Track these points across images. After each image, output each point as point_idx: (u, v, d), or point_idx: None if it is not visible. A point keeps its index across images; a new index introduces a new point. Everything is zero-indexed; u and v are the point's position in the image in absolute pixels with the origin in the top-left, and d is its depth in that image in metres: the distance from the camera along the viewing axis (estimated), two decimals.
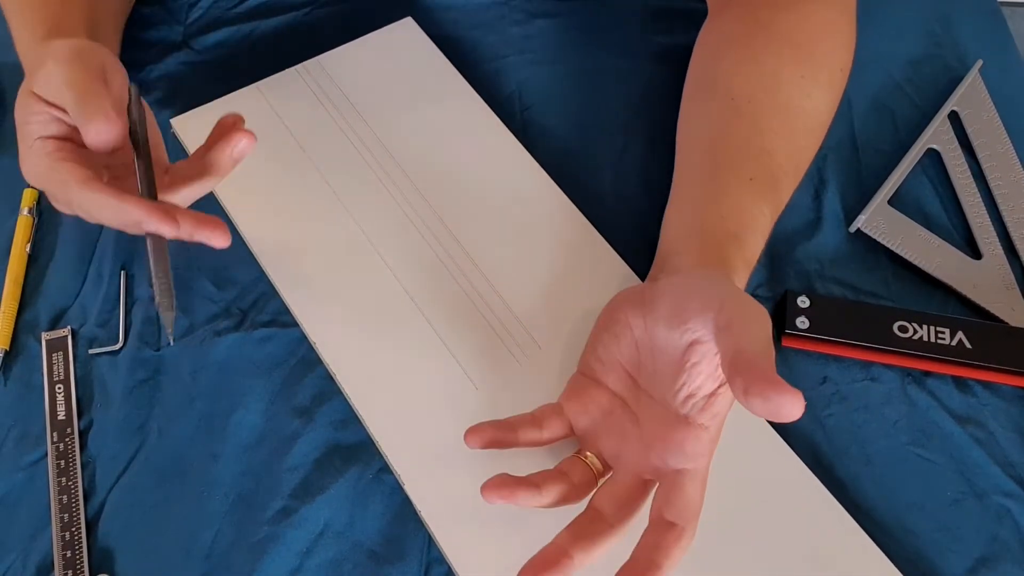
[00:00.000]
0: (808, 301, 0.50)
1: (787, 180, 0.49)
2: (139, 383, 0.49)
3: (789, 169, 0.50)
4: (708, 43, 0.55)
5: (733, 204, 0.47)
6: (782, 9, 0.52)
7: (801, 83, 0.51)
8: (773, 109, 0.50)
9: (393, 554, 0.44)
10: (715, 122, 0.51)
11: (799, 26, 0.52)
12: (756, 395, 0.34)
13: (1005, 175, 0.58)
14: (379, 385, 0.48)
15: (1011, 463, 0.48)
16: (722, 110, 0.51)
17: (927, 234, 0.55)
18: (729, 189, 0.48)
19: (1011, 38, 0.66)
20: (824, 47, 0.52)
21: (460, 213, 0.54)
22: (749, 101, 0.50)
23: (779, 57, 0.51)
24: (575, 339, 0.49)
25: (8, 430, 0.47)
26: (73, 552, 0.44)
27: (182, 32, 0.62)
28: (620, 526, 0.40)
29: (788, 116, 0.50)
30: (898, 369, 0.50)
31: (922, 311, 0.51)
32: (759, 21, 0.52)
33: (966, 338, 0.49)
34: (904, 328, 0.50)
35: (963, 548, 0.46)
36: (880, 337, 0.49)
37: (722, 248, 0.45)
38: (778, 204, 0.49)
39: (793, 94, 0.50)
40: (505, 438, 0.43)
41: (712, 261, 0.45)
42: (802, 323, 0.50)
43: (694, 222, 0.47)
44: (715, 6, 0.57)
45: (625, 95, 0.61)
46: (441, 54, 0.60)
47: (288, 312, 0.51)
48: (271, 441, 0.47)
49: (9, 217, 0.54)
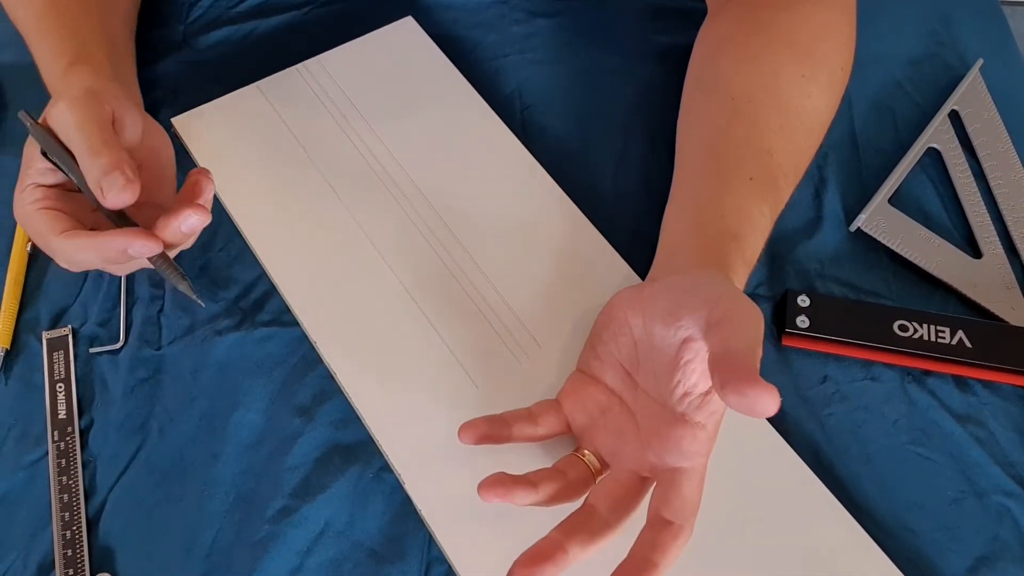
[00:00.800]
0: (808, 300, 0.50)
1: (787, 180, 0.49)
2: (140, 382, 0.49)
3: (789, 169, 0.50)
4: (708, 42, 0.55)
5: (732, 204, 0.47)
6: (782, 9, 0.52)
7: (801, 83, 0.51)
8: (773, 109, 0.50)
9: (393, 553, 0.44)
10: (715, 122, 0.51)
11: (799, 26, 0.52)
12: (732, 390, 0.34)
13: (1005, 174, 0.58)
14: (379, 384, 0.48)
15: (1011, 462, 0.48)
16: (722, 110, 0.51)
17: (927, 233, 0.55)
18: (729, 188, 0.48)
19: (1011, 37, 0.66)
20: (824, 47, 0.52)
21: (460, 212, 0.54)
22: (749, 101, 0.50)
23: (779, 57, 0.51)
24: (575, 338, 0.49)
25: (9, 429, 0.48)
26: (74, 551, 0.44)
27: (182, 31, 0.62)
28: (616, 523, 0.40)
29: (788, 116, 0.50)
30: (898, 368, 0.50)
31: (922, 310, 0.51)
32: (759, 21, 0.52)
33: (966, 337, 0.49)
34: (904, 327, 0.50)
35: (963, 547, 0.46)
36: (880, 336, 0.49)
37: (721, 247, 0.45)
38: (777, 204, 0.49)
39: (793, 94, 0.50)
40: (499, 433, 0.43)
41: (710, 261, 0.45)
42: (802, 322, 0.50)
43: (693, 221, 0.47)
44: (714, 5, 0.57)
45: (625, 95, 0.61)
46: (441, 53, 0.60)
47: (289, 311, 0.51)
48: (271, 440, 0.47)
49: (10, 216, 0.54)
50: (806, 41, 0.52)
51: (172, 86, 0.59)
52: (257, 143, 0.56)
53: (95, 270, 0.52)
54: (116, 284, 0.52)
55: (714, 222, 0.46)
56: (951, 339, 0.49)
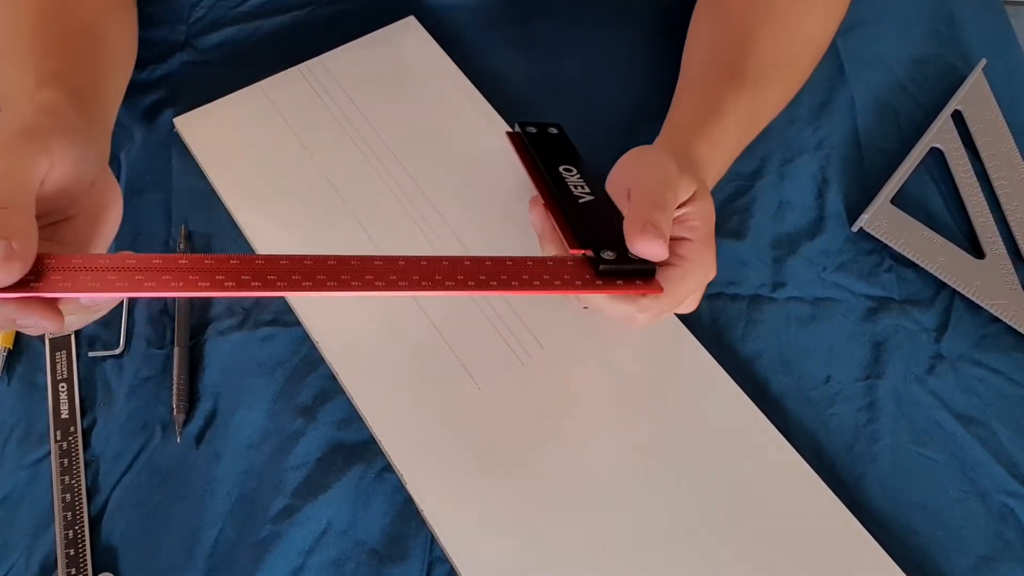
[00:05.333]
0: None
1: (772, 83, 0.52)
2: (142, 382, 0.49)
3: (775, 73, 0.52)
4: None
5: (709, 95, 0.50)
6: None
7: (799, 1, 0.53)
8: (767, 20, 0.53)
9: (395, 553, 0.44)
10: (712, 36, 0.54)
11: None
12: (630, 244, 0.40)
13: (1008, 174, 0.58)
14: (381, 384, 0.48)
15: (1014, 462, 0.48)
16: (720, 27, 0.54)
17: (930, 233, 0.55)
18: (708, 81, 0.51)
19: (1015, 37, 0.65)
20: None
21: (462, 211, 0.54)
22: (745, 18, 0.53)
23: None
24: (577, 339, 0.49)
25: (11, 429, 0.48)
26: (76, 550, 0.44)
27: (185, 31, 0.62)
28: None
29: (782, 27, 0.53)
30: (901, 368, 0.50)
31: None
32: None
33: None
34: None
35: (966, 547, 0.45)
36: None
37: (685, 132, 0.49)
38: (760, 103, 0.52)
39: (790, 9, 0.53)
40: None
41: (665, 142, 0.49)
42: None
43: (671, 113, 0.52)
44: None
45: (629, 93, 0.61)
46: (443, 53, 0.60)
47: (291, 311, 0.51)
48: (274, 440, 0.47)
49: None
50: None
51: (174, 86, 0.59)
52: (259, 143, 0.56)
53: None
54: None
55: (686, 108, 0.51)
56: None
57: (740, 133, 0.51)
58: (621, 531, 0.44)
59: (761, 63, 0.52)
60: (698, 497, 0.45)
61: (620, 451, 0.46)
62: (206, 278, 0.36)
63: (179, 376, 0.48)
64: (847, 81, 0.62)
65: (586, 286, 0.40)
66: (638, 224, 0.40)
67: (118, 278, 0.35)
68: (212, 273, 0.36)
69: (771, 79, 0.52)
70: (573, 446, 0.46)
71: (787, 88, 0.54)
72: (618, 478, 0.45)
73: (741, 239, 0.55)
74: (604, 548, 0.43)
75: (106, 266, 0.36)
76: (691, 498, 0.45)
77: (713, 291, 0.52)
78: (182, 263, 0.36)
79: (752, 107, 0.51)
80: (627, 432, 0.47)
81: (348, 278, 0.37)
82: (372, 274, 0.37)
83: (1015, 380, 0.51)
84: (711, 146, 0.48)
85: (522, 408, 0.46)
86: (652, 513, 0.44)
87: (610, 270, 0.40)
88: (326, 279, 0.36)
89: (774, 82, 0.53)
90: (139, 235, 0.53)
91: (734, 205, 0.56)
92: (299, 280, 0.36)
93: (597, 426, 0.47)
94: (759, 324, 0.52)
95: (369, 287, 0.37)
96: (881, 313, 0.53)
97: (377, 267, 0.38)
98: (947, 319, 0.53)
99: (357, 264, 0.38)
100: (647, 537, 0.44)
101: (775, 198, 0.57)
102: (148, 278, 0.35)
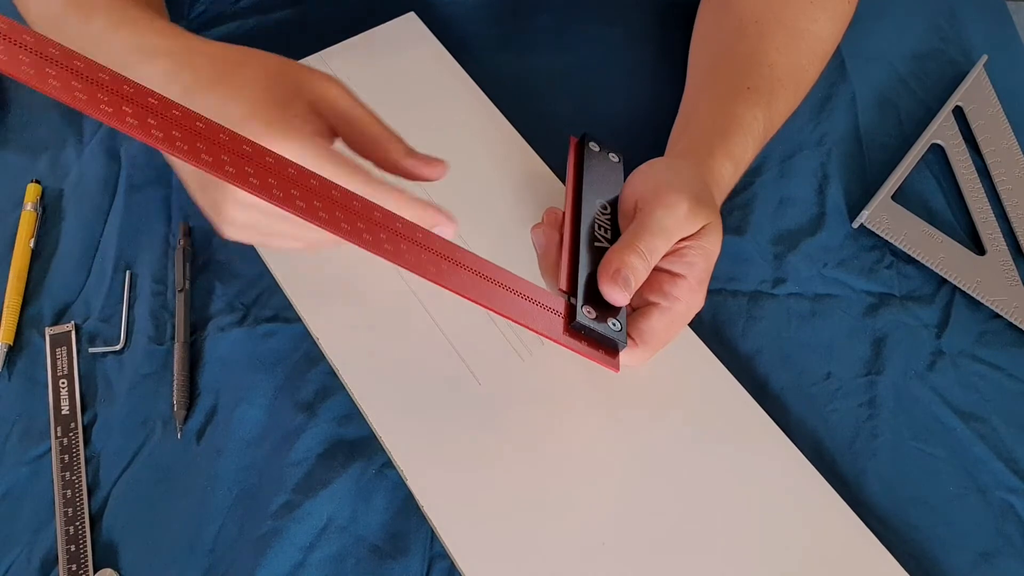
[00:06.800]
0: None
1: (785, 93, 0.52)
2: (143, 378, 0.49)
3: (788, 84, 0.52)
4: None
5: (726, 108, 0.50)
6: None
7: (809, 8, 0.53)
8: (777, 27, 0.53)
9: (396, 549, 0.44)
10: (722, 40, 0.54)
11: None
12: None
13: (1009, 170, 0.58)
14: (382, 380, 0.48)
15: (1014, 458, 0.48)
16: (729, 30, 0.54)
17: (931, 229, 0.55)
18: (725, 95, 0.51)
19: (1016, 33, 0.65)
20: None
21: (463, 207, 0.53)
22: (756, 22, 0.53)
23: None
24: None
25: (12, 425, 0.48)
26: (77, 546, 0.44)
27: (185, 27, 0.61)
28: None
29: (792, 35, 0.53)
30: (901, 364, 0.50)
31: None
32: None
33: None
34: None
35: (966, 543, 0.46)
36: None
37: (706, 142, 0.49)
38: (774, 114, 0.52)
39: (800, 16, 0.53)
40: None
41: (689, 153, 0.48)
42: None
43: (687, 122, 0.52)
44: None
45: (630, 89, 0.61)
46: (444, 48, 0.60)
47: (291, 307, 0.51)
48: (274, 436, 0.47)
49: (12, 212, 0.54)
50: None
51: None
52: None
53: (98, 266, 0.52)
54: (119, 280, 0.52)
55: (705, 120, 0.50)
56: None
57: (756, 147, 0.51)
58: (621, 526, 0.44)
59: (774, 74, 0.51)
60: (698, 493, 0.45)
61: (620, 447, 0.46)
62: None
63: (180, 372, 0.48)
64: (848, 77, 0.62)
65: (553, 330, 0.41)
66: (612, 266, 0.41)
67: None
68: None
69: (783, 90, 0.52)
70: (574, 442, 0.46)
71: (797, 97, 0.54)
72: (618, 474, 0.46)
73: (742, 235, 0.55)
74: (604, 543, 0.44)
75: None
76: (691, 494, 0.45)
77: (714, 287, 0.52)
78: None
79: (767, 119, 0.51)
80: (627, 428, 0.47)
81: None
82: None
83: (1015, 376, 0.51)
84: (733, 164, 0.49)
85: (523, 404, 0.46)
86: (652, 509, 0.45)
87: (581, 327, 0.42)
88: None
89: (787, 92, 0.52)
90: (139, 231, 0.53)
91: (735, 201, 0.56)
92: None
93: (598, 422, 0.47)
94: (759, 320, 0.52)
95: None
96: (882, 309, 0.53)
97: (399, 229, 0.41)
98: (948, 315, 0.53)
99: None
100: (647, 533, 0.44)
101: (776, 194, 0.57)
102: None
